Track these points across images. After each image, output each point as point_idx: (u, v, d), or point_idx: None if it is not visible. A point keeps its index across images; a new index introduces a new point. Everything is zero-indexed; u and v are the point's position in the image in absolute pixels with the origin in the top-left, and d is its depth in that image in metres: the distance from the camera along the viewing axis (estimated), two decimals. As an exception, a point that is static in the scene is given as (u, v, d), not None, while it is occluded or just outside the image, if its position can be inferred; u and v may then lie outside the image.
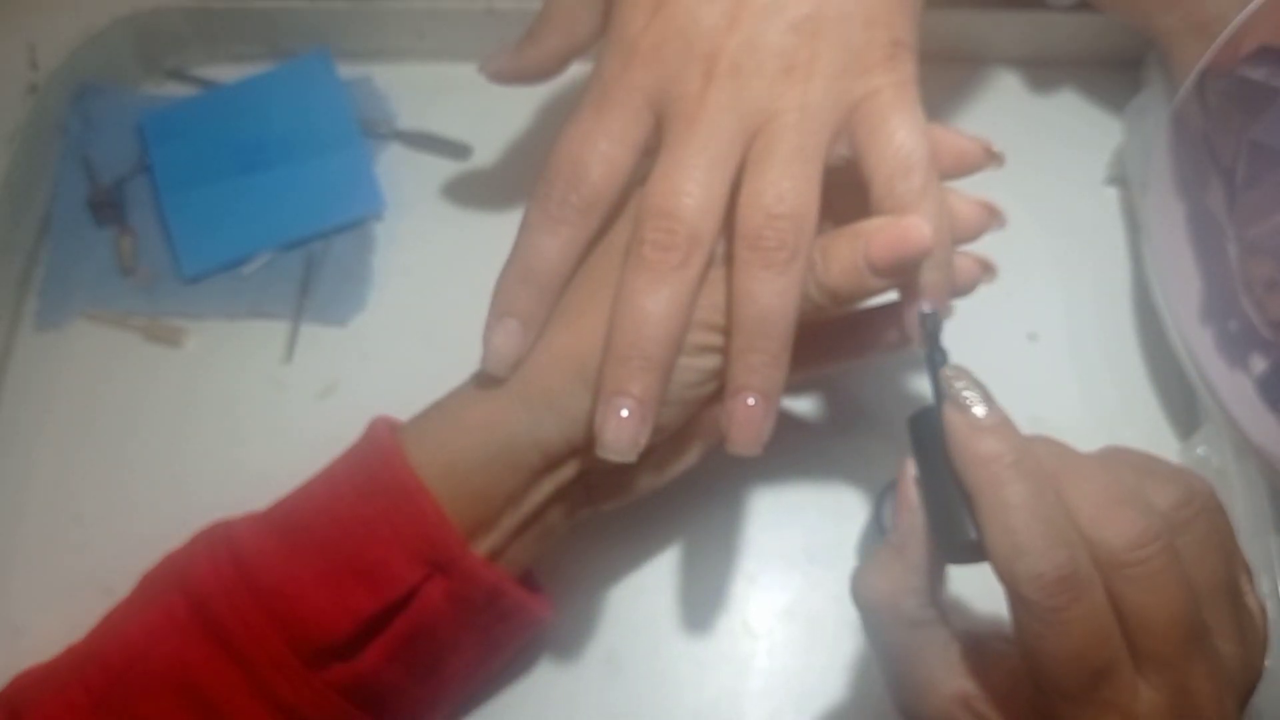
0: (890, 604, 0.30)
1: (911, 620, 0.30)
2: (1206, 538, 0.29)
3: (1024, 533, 0.27)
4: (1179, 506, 0.29)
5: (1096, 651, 0.27)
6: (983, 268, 0.38)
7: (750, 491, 0.45)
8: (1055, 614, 0.27)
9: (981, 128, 0.52)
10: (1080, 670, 0.27)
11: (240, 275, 0.49)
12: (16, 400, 0.47)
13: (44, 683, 0.36)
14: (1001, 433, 0.29)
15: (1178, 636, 0.28)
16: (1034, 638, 0.27)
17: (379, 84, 0.53)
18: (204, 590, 0.35)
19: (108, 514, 0.45)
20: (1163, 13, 0.46)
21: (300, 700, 0.34)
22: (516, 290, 0.35)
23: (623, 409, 0.32)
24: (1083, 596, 0.27)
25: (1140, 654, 0.28)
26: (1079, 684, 0.27)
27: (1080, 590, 0.27)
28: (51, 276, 0.49)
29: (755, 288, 0.33)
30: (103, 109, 0.51)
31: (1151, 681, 0.28)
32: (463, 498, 0.35)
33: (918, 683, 0.30)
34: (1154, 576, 0.27)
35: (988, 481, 0.28)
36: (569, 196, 0.35)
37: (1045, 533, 0.27)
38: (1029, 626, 0.27)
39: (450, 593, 0.35)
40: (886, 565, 0.31)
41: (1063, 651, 0.27)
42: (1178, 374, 0.44)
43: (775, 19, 0.34)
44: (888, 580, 0.31)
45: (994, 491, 0.28)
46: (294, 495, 0.37)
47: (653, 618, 0.43)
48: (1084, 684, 0.27)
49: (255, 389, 0.47)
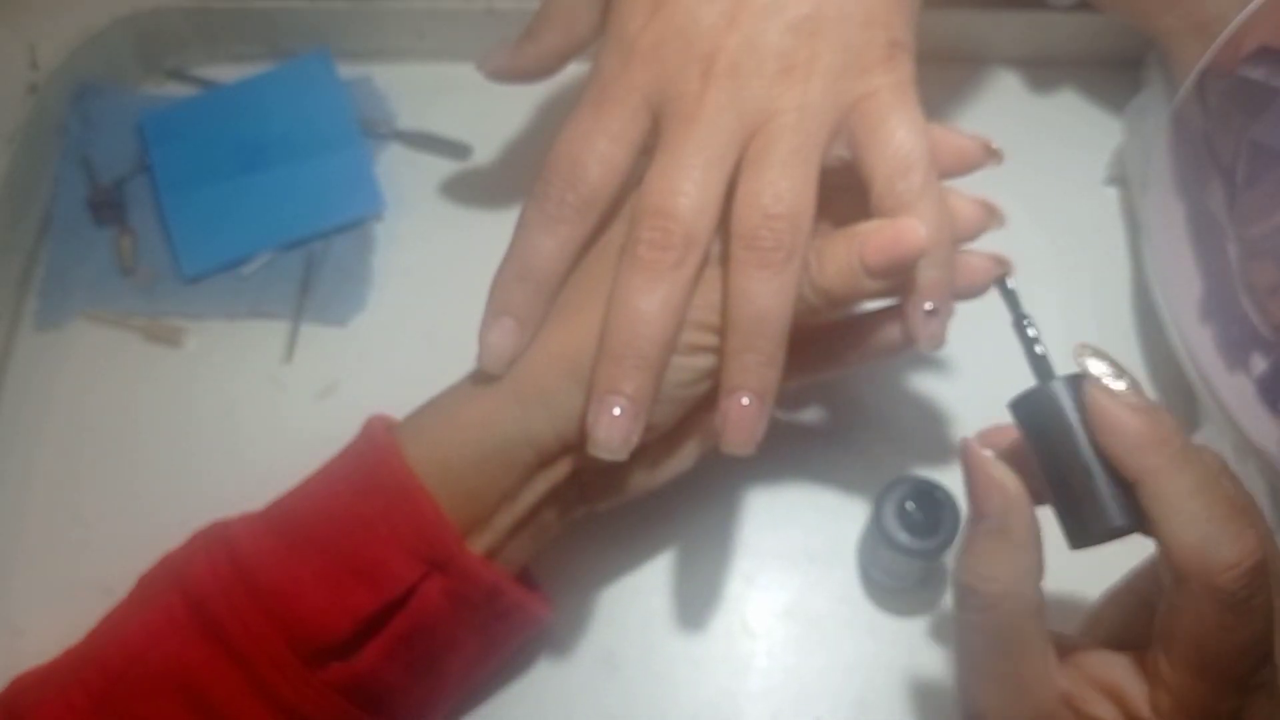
0: (1015, 590, 0.29)
1: (1034, 607, 0.29)
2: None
3: (1213, 521, 0.26)
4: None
5: (1270, 635, 0.26)
6: (997, 264, 0.38)
7: (749, 492, 0.45)
8: (1247, 603, 0.26)
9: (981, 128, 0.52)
10: (1256, 655, 0.26)
11: (240, 275, 0.49)
12: (16, 400, 0.47)
13: (43, 685, 0.36)
14: (1157, 416, 0.27)
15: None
16: (1218, 629, 0.26)
17: (379, 84, 0.53)
18: (202, 590, 0.35)
19: (107, 514, 0.45)
20: (1163, 13, 0.46)
21: (300, 700, 0.34)
22: (513, 288, 0.36)
23: (615, 407, 0.33)
24: (1267, 581, 0.26)
25: None
26: (1250, 670, 0.26)
27: (1265, 574, 0.26)
28: (51, 276, 0.49)
29: (751, 287, 0.33)
30: (103, 109, 0.51)
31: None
32: (458, 495, 0.35)
33: (1022, 678, 0.29)
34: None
35: (1161, 468, 0.27)
36: (566, 195, 0.35)
37: (1233, 519, 0.26)
38: (1217, 618, 0.26)
39: (448, 591, 0.35)
40: (996, 552, 0.29)
41: (1246, 640, 0.26)
42: (1177, 374, 0.44)
43: (774, 19, 0.35)
44: (1004, 566, 0.29)
45: (1170, 479, 0.27)
46: (291, 494, 0.37)
47: (651, 618, 0.43)
48: (1254, 669, 0.26)
49: (255, 389, 0.47)
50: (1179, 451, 0.27)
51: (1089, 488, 0.28)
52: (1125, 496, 0.27)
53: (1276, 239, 0.41)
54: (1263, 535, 0.26)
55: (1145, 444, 0.27)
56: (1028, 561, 0.29)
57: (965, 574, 0.30)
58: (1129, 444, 0.27)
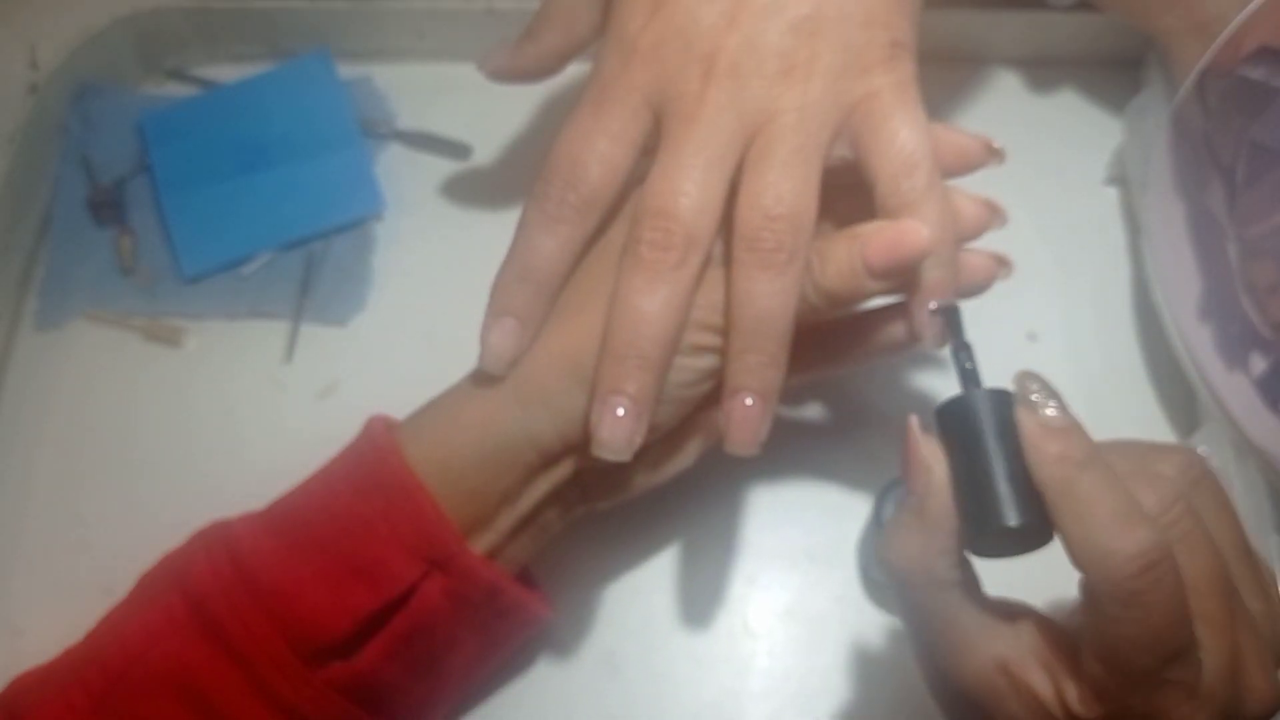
0: (922, 566, 0.30)
1: (945, 581, 0.30)
2: (1215, 497, 0.30)
3: (1103, 516, 0.27)
4: (1185, 470, 0.30)
5: (1174, 633, 0.27)
6: (998, 263, 0.38)
7: (750, 492, 0.45)
8: (1138, 597, 0.26)
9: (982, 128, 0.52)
10: (1157, 652, 0.27)
11: (240, 275, 0.49)
12: (16, 400, 0.47)
13: (43, 685, 0.36)
14: (1073, 434, 0.29)
15: (1220, 592, 0.28)
16: (1112, 622, 0.27)
17: (379, 84, 0.53)
18: (202, 590, 0.35)
19: (108, 514, 0.45)
20: (1163, 13, 0.46)
21: (300, 699, 0.34)
22: (514, 289, 0.36)
23: (618, 408, 0.33)
24: (1165, 577, 0.26)
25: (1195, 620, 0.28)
26: (1153, 666, 0.27)
27: (1163, 571, 0.26)
28: (52, 276, 0.49)
29: (753, 289, 0.33)
30: (103, 109, 0.51)
31: (1207, 648, 0.28)
32: (459, 495, 0.35)
33: (953, 646, 0.30)
34: (1186, 536, 0.28)
35: (1061, 476, 0.28)
36: (567, 196, 0.35)
37: (1125, 513, 0.27)
38: (1108, 610, 0.27)
39: (449, 590, 0.35)
40: (911, 528, 0.30)
41: (1143, 635, 0.27)
42: (1177, 373, 0.44)
43: (775, 19, 0.35)
44: (916, 543, 0.30)
45: (1068, 484, 0.28)
46: (292, 494, 0.37)
47: (652, 618, 0.43)
48: (1158, 666, 0.27)
49: (255, 389, 0.47)
50: (1082, 461, 0.28)
51: (993, 490, 0.29)
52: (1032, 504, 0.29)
53: (1276, 239, 0.41)
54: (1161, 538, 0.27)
55: (1050, 458, 0.28)
56: (939, 542, 0.30)
57: (881, 548, 0.31)
58: (1037, 457, 0.29)
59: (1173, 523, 0.28)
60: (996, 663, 0.29)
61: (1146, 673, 0.27)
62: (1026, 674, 0.29)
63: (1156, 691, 0.27)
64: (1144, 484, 0.28)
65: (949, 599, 0.30)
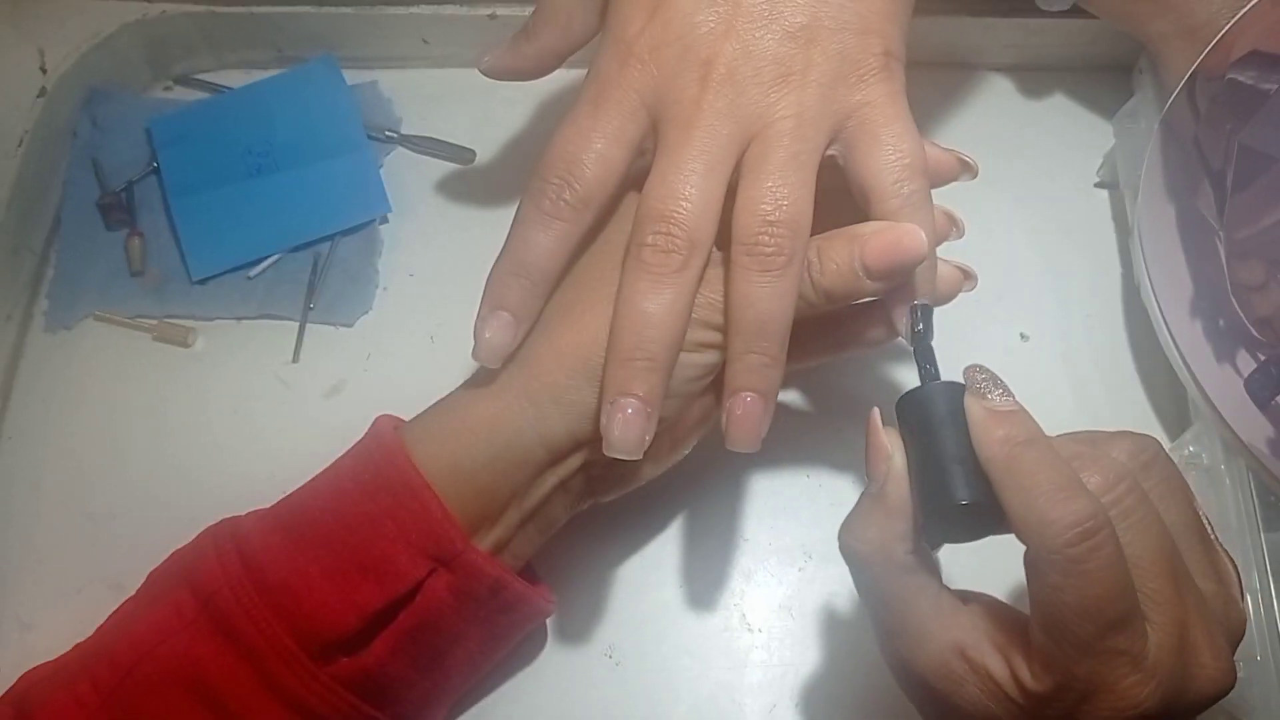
0: (880, 551, 0.31)
1: (902, 566, 0.31)
2: (1166, 480, 0.31)
3: (1043, 487, 0.28)
4: (1135, 454, 0.31)
5: (1114, 601, 0.28)
6: (964, 275, 0.39)
7: (748, 488, 0.46)
8: (1077, 565, 0.27)
9: (974, 132, 0.53)
10: (1098, 620, 0.28)
11: (248, 277, 0.49)
12: (27, 400, 0.48)
13: (52, 679, 0.36)
14: (1017, 417, 0.30)
15: (1166, 570, 0.29)
16: (1053, 590, 0.28)
17: (384, 89, 0.53)
18: (211, 586, 0.35)
19: (117, 512, 0.45)
20: (1154, 18, 0.47)
21: (307, 694, 0.35)
22: (509, 284, 0.36)
23: (628, 408, 0.33)
24: (1103, 546, 0.27)
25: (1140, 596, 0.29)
26: (1095, 634, 0.28)
27: (1101, 540, 0.27)
28: (61, 278, 0.49)
29: (753, 292, 0.34)
30: (112, 113, 0.52)
31: (1155, 623, 0.29)
32: (468, 494, 0.36)
33: (911, 631, 0.31)
34: (1130, 514, 0.29)
35: (1004, 454, 0.30)
36: (563, 193, 0.35)
37: (1064, 485, 0.28)
38: (1049, 579, 0.28)
39: (454, 586, 0.35)
40: (869, 513, 0.32)
41: (1083, 602, 0.28)
42: (1168, 373, 0.44)
43: (771, 26, 0.35)
44: (874, 528, 0.31)
45: (1010, 461, 0.29)
46: (299, 492, 0.37)
47: (651, 613, 0.44)
48: (1100, 633, 0.28)
49: (263, 389, 0.48)
50: (1025, 441, 0.30)
51: (946, 472, 0.31)
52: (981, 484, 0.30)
53: (1265, 241, 0.42)
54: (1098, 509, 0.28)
55: (994, 440, 0.30)
56: (897, 527, 0.31)
57: (842, 531, 0.32)
58: (981, 439, 0.30)
59: (1116, 500, 0.29)
60: (954, 647, 0.31)
61: (1089, 640, 0.28)
62: (983, 657, 0.30)
63: (1101, 660, 0.28)
64: (1090, 464, 0.30)
65: (906, 583, 0.31)
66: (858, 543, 0.32)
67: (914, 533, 0.31)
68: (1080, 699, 0.29)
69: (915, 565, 0.31)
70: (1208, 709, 0.30)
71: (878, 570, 0.32)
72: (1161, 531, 0.29)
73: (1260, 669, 0.38)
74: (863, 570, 0.32)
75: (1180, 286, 0.44)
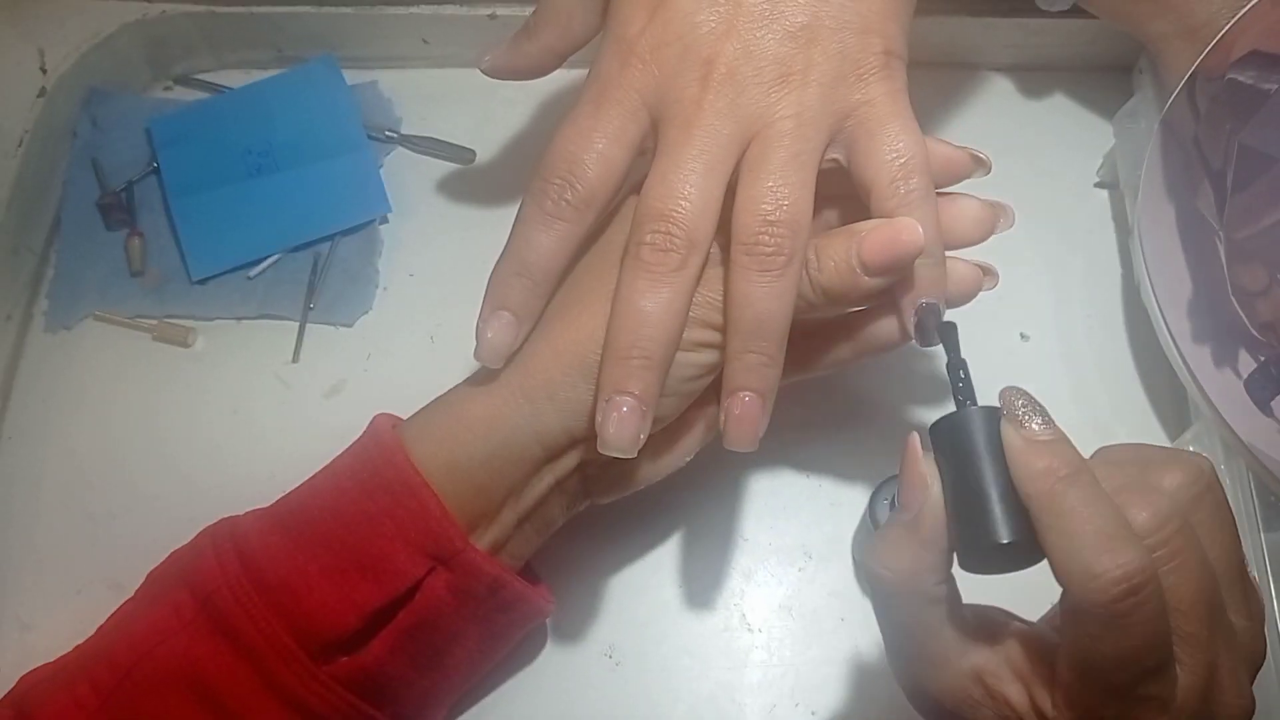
0: (910, 582, 0.30)
1: (931, 597, 0.30)
2: (1215, 514, 0.29)
3: (1088, 534, 0.27)
4: (1186, 486, 0.29)
5: (1152, 652, 0.27)
6: (984, 273, 0.38)
7: (747, 488, 0.46)
8: (1119, 618, 0.26)
9: (975, 132, 0.53)
10: (1133, 670, 0.27)
11: (248, 277, 0.49)
12: (27, 400, 0.48)
13: (52, 680, 0.36)
14: (1058, 448, 0.29)
15: (1204, 615, 0.28)
16: (1091, 639, 0.27)
17: (384, 89, 0.54)
18: (210, 586, 0.35)
19: (117, 512, 0.45)
20: (1154, 18, 0.47)
21: (307, 693, 0.35)
22: (511, 284, 0.36)
23: (624, 406, 0.33)
24: (1147, 601, 0.26)
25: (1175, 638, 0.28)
26: (1128, 682, 0.27)
27: (1146, 596, 0.26)
28: (61, 278, 0.50)
29: (752, 291, 0.34)
30: (112, 113, 0.52)
31: (1184, 665, 0.28)
32: (465, 492, 0.36)
33: (932, 658, 0.30)
34: (1176, 556, 0.27)
35: (1046, 491, 0.28)
36: (565, 193, 0.35)
37: (1112, 535, 0.27)
38: (1088, 628, 0.27)
39: (453, 585, 0.36)
40: (902, 543, 0.30)
41: (1119, 654, 0.27)
42: (1168, 373, 0.44)
43: (772, 26, 0.35)
44: (906, 558, 0.30)
45: (1053, 500, 0.28)
46: (298, 491, 0.38)
47: (651, 613, 0.44)
48: (1132, 682, 0.27)
49: (263, 389, 0.48)
50: (1068, 476, 0.28)
51: (985, 508, 0.29)
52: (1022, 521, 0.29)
53: (1265, 241, 0.42)
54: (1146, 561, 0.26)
55: (1035, 473, 0.28)
56: (930, 559, 0.30)
57: (871, 559, 0.31)
58: (1021, 472, 0.29)
59: (1163, 543, 0.27)
60: (973, 673, 0.30)
61: (1121, 688, 0.27)
62: (1001, 685, 0.30)
63: (1130, 705, 0.28)
64: (1139, 498, 0.28)
65: (933, 613, 0.30)
66: (888, 572, 0.30)
67: (946, 562, 0.30)
68: None
69: (943, 595, 0.30)
70: None
71: (906, 599, 0.30)
72: (1205, 572, 0.28)
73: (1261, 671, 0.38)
74: (889, 599, 0.31)
75: (1180, 286, 0.44)
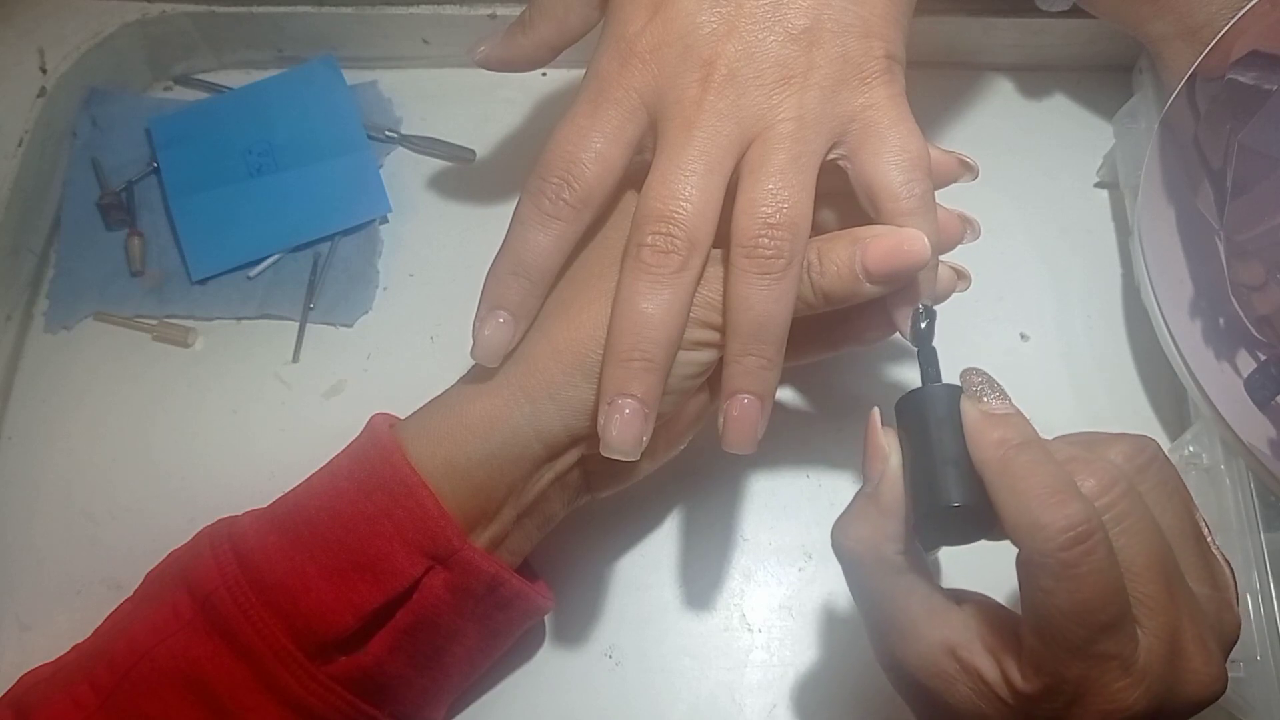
0: (872, 550, 0.31)
1: (893, 566, 0.31)
2: (1163, 483, 0.31)
3: (1036, 490, 0.28)
4: (1132, 456, 0.31)
5: (1105, 605, 0.28)
6: (958, 275, 0.39)
7: (747, 488, 0.46)
8: (1068, 569, 0.27)
9: (975, 132, 0.53)
10: (1089, 624, 0.28)
11: (248, 277, 0.49)
12: (27, 400, 0.48)
13: (50, 681, 0.36)
14: (1012, 420, 0.31)
15: (1158, 577, 0.29)
16: (1045, 593, 0.28)
17: (384, 89, 0.54)
18: (208, 586, 0.35)
19: (116, 512, 0.45)
20: (1154, 18, 0.47)
21: (306, 693, 0.35)
22: (508, 283, 0.36)
23: (626, 409, 0.33)
24: (1095, 550, 0.28)
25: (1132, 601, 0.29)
26: (1086, 637, 0.28)
27: (1093, 544, 0.28)
28: (62, 278, 0.50)
29: (751, 294, 0.34)
30: (112, 113, 0.52)
31: (1146, 628, 0.29)
32: (464, 491, 0.36)
33: (902, 630, 0.31)
34: (1124, 518, 0.29)
35: (999, 458, 0.30)
36: (562, 193, 0.35)
37: (1057, 489, 0.28)
38: (1041, 582, 0.28)
39: (451, 584, 0.36)
40: (862, 512, 0.32)
41: (1074, 606, 0.28)
42: (1168, 373, 0.45)
43: (773, 28, 0.35)
44: (867, 527, 0.32)
45: (1004, 464, 0.29)
46: (296, 491, 0.38)
47: (651, 613, 0.44)
48: (1090, 637, 0.28)
49: (263, 388, 0.48)
50: (1020, 444, 0.30)
51: (941, 473, 0.31)
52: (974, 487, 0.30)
53: (1266, 242, 0.42)
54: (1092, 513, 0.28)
55: (989, 442, 0.30)
56: (890, 527, 0.32)
57: (835, 530, 0.33)
58: (976, 442, 0.30)
59: (1110, 504, 0.29)
60: (945, 647, 0.31)
61: (1079, 643, 0.28)
62: (973, 657, 0.30)
63: (1091, 663, 0.28)
64: (1085, 468, 0.29)
65: (897, 583, 0.31)
66: (849, 541, 0.32)
67: (906, 533, 0.32)
68: (1070, 701, 0.29)
69: (906, 565, 0.32)
70: (1199, 713, 0.30)
71: (868, 569, 0.32)
72: (1155, 535, 0.29)
73: (1260, 669, 0.38)
74: (854, 568, 0.32)
75: (1180, 286, 0.44)
